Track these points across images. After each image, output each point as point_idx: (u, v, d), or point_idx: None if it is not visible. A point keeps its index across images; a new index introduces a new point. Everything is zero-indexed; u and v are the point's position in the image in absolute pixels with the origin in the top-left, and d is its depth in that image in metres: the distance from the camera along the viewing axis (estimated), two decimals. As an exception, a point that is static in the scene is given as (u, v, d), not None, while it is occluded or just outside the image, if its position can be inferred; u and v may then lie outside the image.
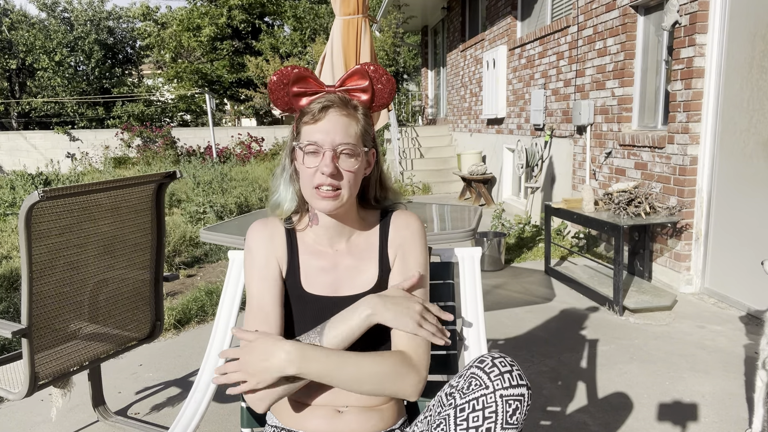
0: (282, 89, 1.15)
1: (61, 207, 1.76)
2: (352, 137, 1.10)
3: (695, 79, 3.68)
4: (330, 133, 1.08)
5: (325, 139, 1.08)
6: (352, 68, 1.15)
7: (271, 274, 1.17)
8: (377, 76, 1.16)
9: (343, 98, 1.12)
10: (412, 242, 1.21)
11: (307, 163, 1.10)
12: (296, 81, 1.13)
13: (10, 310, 3.70)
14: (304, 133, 1.11)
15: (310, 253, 1.20)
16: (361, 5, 2.98)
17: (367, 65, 1.16)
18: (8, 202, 7.66)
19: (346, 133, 1.09)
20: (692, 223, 3.81)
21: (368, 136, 1.14)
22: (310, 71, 1.14)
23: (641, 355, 2.88)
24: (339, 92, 1.14)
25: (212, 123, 14.62)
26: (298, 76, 1.13)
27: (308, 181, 1.10)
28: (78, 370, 1.98)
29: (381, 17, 12.03)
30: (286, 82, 1.14)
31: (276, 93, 1.15)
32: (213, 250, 5.30)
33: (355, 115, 1.12)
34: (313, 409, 1.15)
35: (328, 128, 1.09)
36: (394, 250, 1.21)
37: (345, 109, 1.11)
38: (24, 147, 15.93)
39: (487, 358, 0.99)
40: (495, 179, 8.05)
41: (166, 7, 39.43)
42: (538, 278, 4.31)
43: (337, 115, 1.10)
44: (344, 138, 1.09)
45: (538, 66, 6.44)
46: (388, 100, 1.18)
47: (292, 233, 1.21)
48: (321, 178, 1.08)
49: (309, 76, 1.13)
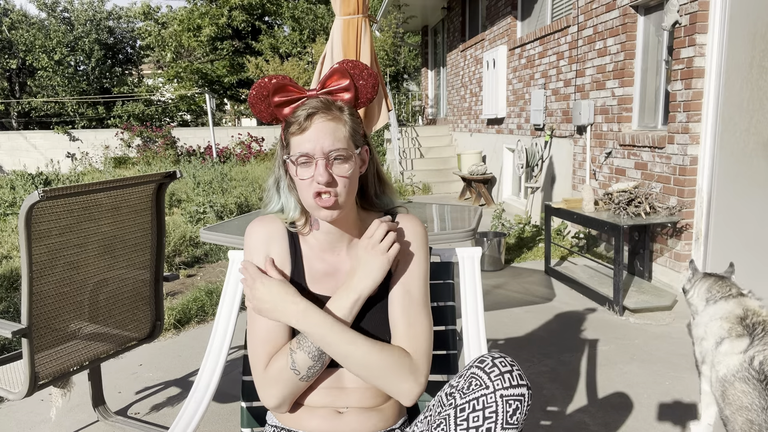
0: (262, 101, 1.11)
1: (61, 207, 1.76)
2: (342, 141, 1.07)
3: (695, 79, 3.68)
4: (319, 141, 1.05)
5: (314, 148, 1.05)
6: (330, 68, 1.12)
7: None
8: (358, 72, 1.13)
9: (326, 102, 1.09)
10: (415, 248, 1.20)
11: (301, 175, 1.07)
12: (276, 91, 1.09)
13: (10, 310, 3.70)
14: (293, 144, 1.08)
15: (313, 255, 1.20)
16: (361, 5, 2.97)
17: (346, 63, 1.13)
18: (8, 202, 7.66)
19: (334, 138, 1.06)
20: (692, 223, 3.81)
21: (358, 135, 1.11)
22: (288, 79, 1.11)
23: (641, 355, 2.87)
24: (321, 95, 1.11)
25: (212, 123, 14.62)
26: (276, 87, 1.09)
27: (305, 191, 1.08)
28: (78, 370, 1.98)
29: (381, 17, 12.03)
30: (265, 94, 1.10)
31: (257, 106, 1.12)
32: (213, 250, 5.30)
33: (341, 118, 1.09)
34: (314, 410, 1.15)
35: (316, 136, 1.06)
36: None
37: (330, 113, 1.08)
38: (24, 147, 15.94)
39: (488, 358, 0.99)
40: (495, 179, 8.05)
41: (167, 7, 39.36)
42: (538, 278, 4.31)
43: (322, 121, 1.07)
44: (334, 143, 1.06)
45: (538, 66, 6.43)
46: (372, 95, 1.15)
47: (295, 235, 1.20)
48: (317, 187, 1.06)
49: (288, 84, 1.10)
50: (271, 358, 1.13)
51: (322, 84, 1.13)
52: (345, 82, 1.11)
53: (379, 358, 1.08)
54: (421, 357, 1.12)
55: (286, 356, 1.11)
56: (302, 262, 1.19)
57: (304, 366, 1.10)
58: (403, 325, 1.14)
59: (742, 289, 1.85)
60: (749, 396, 1.54)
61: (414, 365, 1.10)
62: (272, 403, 1.12)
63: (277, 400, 1.12)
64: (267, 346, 1.13)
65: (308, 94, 1.11)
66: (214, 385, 1.40)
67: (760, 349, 1.58)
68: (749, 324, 1.68)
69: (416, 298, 1.17)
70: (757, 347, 1.59)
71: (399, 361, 1.09)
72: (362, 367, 1.08)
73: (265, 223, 1.20)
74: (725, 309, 1.79)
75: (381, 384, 1.09)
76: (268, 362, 1.13)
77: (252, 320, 1.15)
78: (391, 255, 1.11)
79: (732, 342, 1.68)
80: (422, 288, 1.19)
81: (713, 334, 1.76)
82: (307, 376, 1.11)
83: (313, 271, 1.19)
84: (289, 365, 1.10)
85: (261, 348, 1.13)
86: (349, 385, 1.16)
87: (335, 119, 1.08)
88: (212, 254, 5.23)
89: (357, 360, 1.08)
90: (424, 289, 1.19)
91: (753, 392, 1.54)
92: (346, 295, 1.12)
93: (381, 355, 1.08)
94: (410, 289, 1.17)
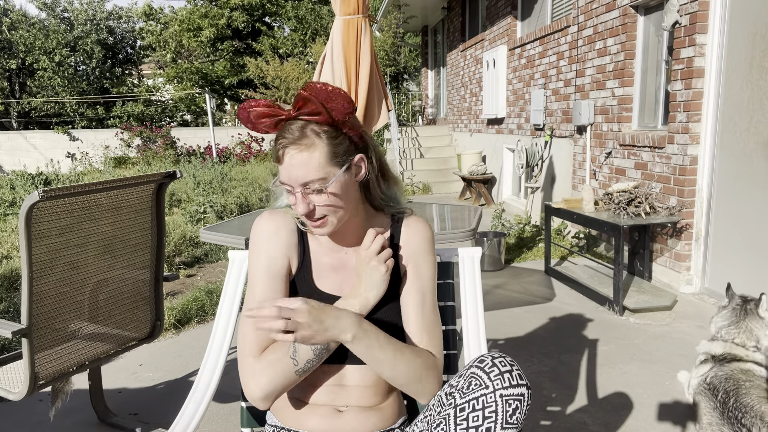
0: (252, 125, 1.11)
1: (61, 207, 1.76)
2: (317, 170, 1.05)
3: (695, 79, 3.68)
4: (292, 174, 1.06)
5: (290, 179, 1.07)
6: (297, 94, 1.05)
7: (278, 272, 1.17)
8: (324, 95, 1.04)
9: (300, 130, 1.05)
10: (425, 253, 1.22)
11: (289, 200, 1.11)
12: (258, 118, 1.09)
13: (10, 310, 3.70)
14: (279, 169, 1.09)
15: (321, 250, 1.21)
16: (361, 5, 2.97)
17: (308, 88, 1.04)
18: (8, 202, 7.66)
19: (307, 170, 1.05)
20: (692, 223, 3.81)
21: (339, 154, 1.07)
22: (263, 103, 1.08)
23: (641, 355, 2.88)
24: (295, 117, 1.07)
25: (212, 123, 14.62)
26: (257, 115, 1.08)
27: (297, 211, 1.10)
28: (78, 370, 1.98)
29: (381, 17, 12.03)
30: (251, 122, 1.10)
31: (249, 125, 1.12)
32: (213, 250, 5.30)
33: (314, 144, 1.05)
34: (313, 408, 1.15)
35: (289, 169, 1.06)
36: (405, 258, 1.21)
37: (301, 143, 1.05)
38: (24, 147, 15.94)
39: (487, 357, 0.99)
40: (495, 179, 8.05)
41: (169, 7, 39.38)
42: (538, 278, 4.31)
43: (294, 152, 1.05)
44: (306, 175, 1.05)
45: (538, 66, 6.43)
46: (348, 110, 1.07)
47: (304, 232, 1.22)
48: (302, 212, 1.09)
49: (266, 110, 1.07)
50: (264, 346, 1.11)
51: (296, 109, 1.08)
52: (313, 107, 1.06)
53: (421, 363, 1.11)
54: (441, 358, 1.17)
55: (288, 344, 1.09)
56: (310, 257, 1.20)
57: (304, 358, 1.09)
58: (424, 328, 1.17)
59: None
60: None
61: (439, 367, 1.15)
62: (258, 393, 1.08)
63: (264, 392, 1.08)
64: (260, 333, 1.11)
65: (285, 113, 1.08)
66: (214, 385, 1.40)
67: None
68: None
69: (429, 301, 1.20)
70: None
71: (432, 364, 1.13)
72: (404, 374, 1.09)
73: (274, 217, 1.21)
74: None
75: (413, 386, 1.11)
76: (262, 350, 1.11)
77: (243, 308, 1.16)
78: (389, 266, 1.13)
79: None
80: (433, 291, 1.22)
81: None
82: (302, 369, 1.09)
83: (320, 265, 1.20)
84: (290, 353, 1.08)
85: (253, 334, 1.11)
86: (350, 384, 1.16)
87: (308, 147, 1.05)
88: (212, 254, 5.23)
89: (401, 367, 1.09)
90: (434, 292, 1.22)
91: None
92: (353, 302, 1.14)
93: (423, 360, 1.12)
94: (424, 293, 1.19)
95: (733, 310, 2.20)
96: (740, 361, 2.05)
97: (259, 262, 1.17)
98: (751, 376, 1.96)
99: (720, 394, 1.91)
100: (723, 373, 1.98)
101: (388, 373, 1.09)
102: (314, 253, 1.20)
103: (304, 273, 1.19)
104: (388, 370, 1.08)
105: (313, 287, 1.18)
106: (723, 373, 1.98)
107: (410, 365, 1.09)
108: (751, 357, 2.07)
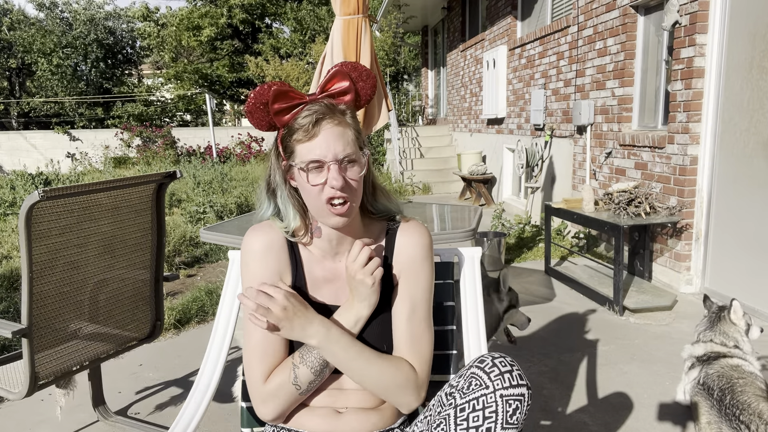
0: (262, 110, 1.08)
1: (61, 207, 1.76)
2: (350, 144, 1.06)
3: (695, 79, 3.68)
4: (330, 147, 1.04)
5: (326, 154, 1.04)
6: (330, 70, 1.10)
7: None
8: (357, 74, 1.12)
9: (329, 106, 1.07)
10: (420, 260, 1.18)
11: (312, 181, 1.05)
12: (276, 98, 1.06)
13: (10, 310, 3.70)
14: (301, 152, 1.05)
15: (313, 261, 1.18)
16: (361, 5, 2.97)
17: (346, 65, 1.12)
18: (8, 202, 7.65)
19: (345, 143, 1.05)
20: (692, 223, 3.81)
21: (361, 138, 1.11)
22: (287, 85, 1.07)
23: (641, 355, 2.87)
24: (322, 99, 1.09)
25: (212, 123, 14.62)
26: (277, 93, 1.06)
27: (316, 198, 1.06)
28: (78, 370, 1.98)
29: (381, 17, 12.02)
30: (265, 102, 1.07)
31: (255, 114, 1.09)
32: (213, 250, 5.30)
33: (345, 121, 1.07)
34: (313, 410, 1.15)
35: (326, 142, 1.04)
36: (400, 265, 1.18)
37: (335, 117, 1.06)
38: (24, 147, 15.93)
39: (487, 357, 0.99)
40: (495, 179, 8.05)
41: (167, 7, 39.35)
42: (538, 278, 4.31)
43: (330, 126, 1.05)
44: (344, 148, 1.05)
45: (538, 66, 6.43)
46: (371, 95, 1.15)
47: (295, 243, 1.18)
48: (331, 192, 1.04)
49: (288, 90, 1.07)
50: (269, 372, 1.13)
51: (322, 87, 1.11)
52: (345, 84, 1.10)
53: (392, 375, 1.11)
54: (425, 372, 1.15)
55: (288, 371, 1.11)
56: (303, 270, 1.18)
57: (305, 381, 1.11)
58: (408, 340, 1.15)
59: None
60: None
61: (419, 381, 1.13)
62: (270, 416, 1.13)
63: (275, 414, 1.13)
64: (265, 360, 1.13)
65: (309, 98, 1.08)
66: (214, 385, 1.40)
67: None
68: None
69: (420, 312, 1.17)
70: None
71: (408, 377, 1.12)
72: (373, 384, 1.11)
73: (263, 233, 1.17)
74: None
75: (385, 396, 1.13)
76: (267, 376, 1.12)
77: (248, 334, 1.14)
78: (377, 276, 1.10)
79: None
80: (427, 301, 1.18)
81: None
82: (306, 390, 1.12)
83: (314, 277, 1.18)
84: (291, 380, 1.10)
85: (258, 362, 1.13)
86: (349, 386, 1.16)
87: (341, 123, 1.07)
88: (212, 254, 5.23)
89: (371, 377, 1.11)
90: (428, 303, 1.19)
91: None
92: (347, 316, 1.13)
93: (394, 372, 1.11)
94: (415, 303, 1.16)
95: (709, 318, 2.30)
96: (725, 357, 2.10)
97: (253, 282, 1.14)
98: (742, 373, 2.00)
99: (716, 393, 1.94)
100: (714, 371, 2.02)
101: (357, 380, 1.12)
102: (307, 263, 1.18)
103: (299, 285, 1.17)
104: (357, 378, 1.11)
105: (308, 299, 1.17)
106: (714, 371, 2.03)
107: (381, 376, 1.10)
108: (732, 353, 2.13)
